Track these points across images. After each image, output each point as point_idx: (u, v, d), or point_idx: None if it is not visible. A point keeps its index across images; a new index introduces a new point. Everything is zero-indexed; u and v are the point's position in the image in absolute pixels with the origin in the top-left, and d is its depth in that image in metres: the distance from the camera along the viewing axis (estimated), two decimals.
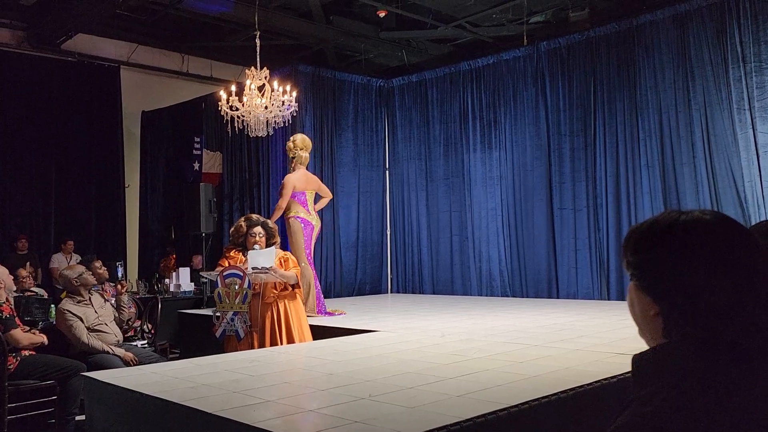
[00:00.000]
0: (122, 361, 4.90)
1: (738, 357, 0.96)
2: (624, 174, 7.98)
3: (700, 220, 1.03)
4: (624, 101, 8.01)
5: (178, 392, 3.07)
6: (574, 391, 3.01)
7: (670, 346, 1.02)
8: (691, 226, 1.02)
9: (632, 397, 1.01)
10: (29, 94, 9.91)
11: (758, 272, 0.99)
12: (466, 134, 9.56)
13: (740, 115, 7.01)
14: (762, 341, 0.97)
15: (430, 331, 5.33)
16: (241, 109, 7.30)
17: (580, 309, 6.95)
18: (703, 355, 0.97)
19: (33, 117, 9.90)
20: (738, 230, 1.03)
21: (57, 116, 10.20)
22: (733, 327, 0.97)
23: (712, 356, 0.97)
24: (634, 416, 0.97)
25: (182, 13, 9.64)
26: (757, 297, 0.98)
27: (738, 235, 1.02)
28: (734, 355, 0.96)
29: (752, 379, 0.95)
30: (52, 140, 10.13)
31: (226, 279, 4.87)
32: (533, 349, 4.24)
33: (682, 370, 0.97)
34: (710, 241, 1.00)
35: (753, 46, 6.96)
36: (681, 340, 1.01)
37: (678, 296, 1.00)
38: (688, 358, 0.98)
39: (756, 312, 0.97)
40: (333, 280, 9.59)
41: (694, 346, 0.99)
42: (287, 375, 3.80)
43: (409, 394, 3.00)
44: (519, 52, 9.01)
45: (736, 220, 1.05)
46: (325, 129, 9.71)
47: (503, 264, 9.07)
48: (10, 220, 9.70)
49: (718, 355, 0.97)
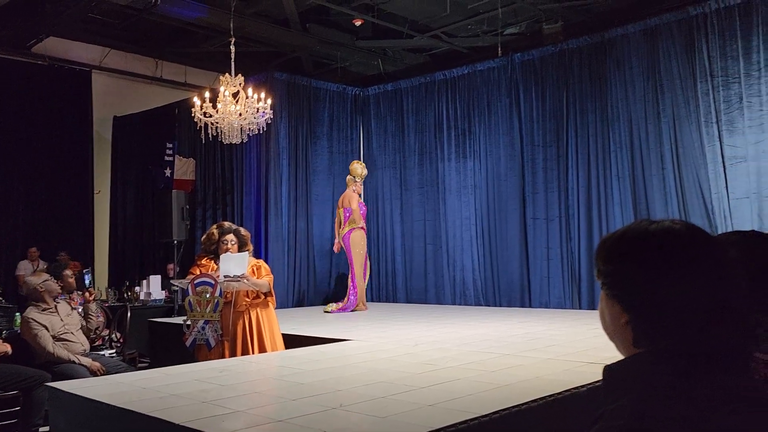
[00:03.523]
0: (89, 371, 4.80)
1: (708, 368, 0.97)
2: (595, 184, 8.09)
3: (670, 230, 1.03)
4: (595, 113, 8.12)
5: (145, 403, 3.01)
6: (544, 400, 3.02)
7: (640, 358, 1.02)
8: (661, 236, 1.03)
9: (603, 410, 1.01)
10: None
11: (727, 282, 1.00)
12: (440, 143, 9.61)
13: (708, 128, 7.16)
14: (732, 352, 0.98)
15: (403, 340, 5.32)
16: (215, 115, 7.24)
17: (552, 318, 7.00)
18: (673, 367, 0.97)
19: (1, 121, 9.70)
20: (707, 240, 1.03)
21: (26, 120, 10.01)
22: (703, 338, 0.97)
23: (682, 368, 0.97)
24: (604, 429, 0.96)
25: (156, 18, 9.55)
26: (726, 307, 0.98)
27: (707, 245, 1.02)
28: (704, 367, 0.97)
29: (722, 390, 0.96)
30: (20, 144, 9.93)
31: (197, 287, 4.81)
32: (505, 358, 4.25)
33: (652, 384, 0.97)
34: (680, 251, 1.01)
35: (720, 61, 7.12)
36: (650, 352, 1.01)
37: (647, 305, 1.01)
38: (657, 371, 0.98)
39: (725, 322, 0.98)
40: (307, 288, 9.54)
41: (664, 358, 0.99)
42: (258, 385, 3.76)
43: (381, 403, 2.98)
44: (493, 63, 9.10)
45: (705, 231, 1.06)
46: (299, 136, 9.68)
47: (477, 273, 9.11)
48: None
49: (688, 367, 0.97)
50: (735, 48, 7.02)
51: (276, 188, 9.28)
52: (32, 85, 10.06)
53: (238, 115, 7.24)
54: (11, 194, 9.86)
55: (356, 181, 8.76)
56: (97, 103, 10.70)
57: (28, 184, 9.99)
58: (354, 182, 8.76)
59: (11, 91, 9.84)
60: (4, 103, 9.76)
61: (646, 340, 1.02)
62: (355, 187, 8.72)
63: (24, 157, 9.97)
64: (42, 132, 10.15)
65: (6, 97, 9.79)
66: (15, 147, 9.88)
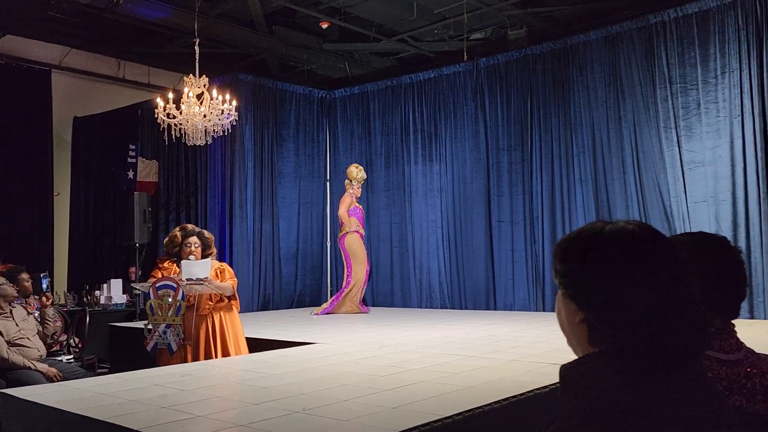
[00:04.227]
0: (45, 376, 4.67)
1: (661, 366, 0.98)
2: (559, 188, 8.20)
3: (624, 230, 1.05)
4: (559, 117, 8.24)
5: (102, 409, 2.94)
6: (507, 401, 3.04)
7: (595, 357, 1.03)
8: (615, 236, 1.04)
9: (559, 409, 1.01)
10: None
11: (680, 282, 1.01)
12: (407, 146, 9.63)
13: (667, 133, 7.32)
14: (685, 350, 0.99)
15: (368, 344, 5.31)
16: (179, 117, 7.14)
17: (517, 320, 7.07)
18: (626, 365, 0.98)
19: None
20: (661, 240, 1.05)
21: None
22: (656, 336, 0.98)
23: (635, 367, 0.98)
24: (560, 429, 0.97)
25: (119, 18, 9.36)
26: (677, 308, 0.99)
27: (660, 245, 1.04)
28: (657, 365, 0.98)
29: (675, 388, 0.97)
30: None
31: (159, 290, 4.73)
32: (469, 360, 4.27)
33: (606, 383, 0.98)
34: (633, 251, 1.02)
35: (679, 68, 7.30)
36: (604, 351, 1.02)
37: (601, 304, 1.01)
38: (611, 370, 0.99)
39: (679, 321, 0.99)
40: (272, 292, 9.46)
41: (617, 357, 1.00)
42: (220, 389, 3.70)
43: (344, 406, 2.97)
44: (459, 67, 9.17)
45: (659, 231, 1.07)
46: (265, 139, 9.61)
47: (443, 276, 9.15)
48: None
49: (641, 366, 0.98)
50: (693, 55, 7.20)
51: (241, 191, 9.19)
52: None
53: (202, 116, 7.16)
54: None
55: (353, 184, 8.80)
56: (57, 103, 10.45)
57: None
58: (351, 186, 8.80)
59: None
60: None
61: (600, 339, 1.03)
62: (352, 190, 8.78)
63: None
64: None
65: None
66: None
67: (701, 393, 1.00)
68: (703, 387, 1.01)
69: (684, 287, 1.02)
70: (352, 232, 8.60)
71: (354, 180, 8.82)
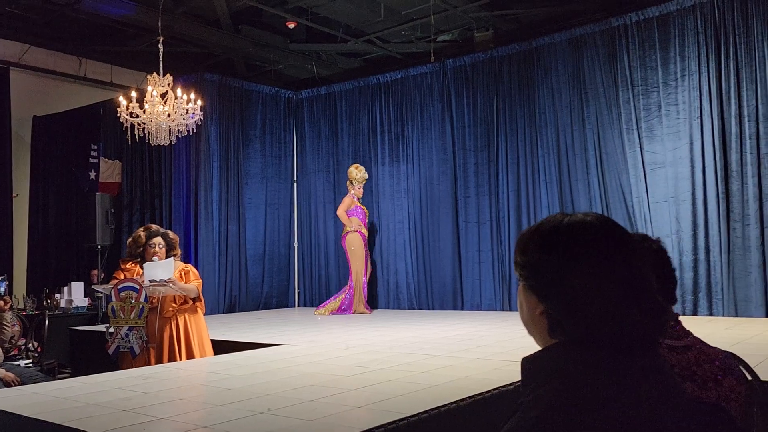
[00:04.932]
0: (2, 381, 4.54)
1: (618, 356, 0.99)
2: (525, 188, 8.29)
3: (582, 222, 1.05)
4: (524, 119, 8.33)
5: (61, 413, 2.87)
6: (473, 399, 3.06)
7: (555, 348, 1.04)
8: (573, 228, 1.05)
9: (521, 401, 1.02)
10: None
11: (637, 273, 1.02)
12: (374, 147, 9.64)
13: (629, 134, 7.46)
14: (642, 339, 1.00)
15: (334, 344, 5.29)
16: (142, 116, 7.02)
17: (483, 320, 7.12)
18: (584, 355, 0.99)
19: None
20: (618, 232, 1.06)
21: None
22: (614, 326, 0.99)
23: (593, 357, 0.99)
24: (520, 420, 0.97)
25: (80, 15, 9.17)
26: (635, 297, 1.00)
27: (618, 237, 1.05)
28: (615, 355, 0.99)
29: (632, 377, 0.98)
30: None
31: (121, 292, 4.64)
32: (435, 359, 4.28)
33: (566, 373, 0.98)
34: (591, 242, 1.03)
35: (640, 70, 7.44)
36: (564, 342, 1.02)
37: (560, 295, 1.02)
38: (570, 361, 1.00)
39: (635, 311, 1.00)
40: (239, 293, 9.36)
41: (576, 347, 1.00)
42: (184, 391, 3.64)
43: (310, 406, 2.95)
44: (426, 68, 9.20)
45: (617, 223, 1.08)
46: (231, 139, 9.51)
47: (410, 276, 9.17)
48: None
49: (599, 356, 0.99)
50: (654, 58, 7.35)
51: (207, 191, 9.08)
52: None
53: (166, 116, 7.05)
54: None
55: (354, 185, 8.86)
56: (16, 102, 10.18)
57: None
58: (352, 186, 8.87)
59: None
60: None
61: (560, 330, 1.03)
62: (354, 191, 8.84)
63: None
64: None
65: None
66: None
67: (660, 381, 1.01)
68: (662, 375, 1.03)
69: (641, 277, 1.03)
70: (353, 231, 8.69)
71: (354, 180, 8.88)
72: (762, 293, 6.53)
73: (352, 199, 8.84)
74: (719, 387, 1.51)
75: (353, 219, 8.75)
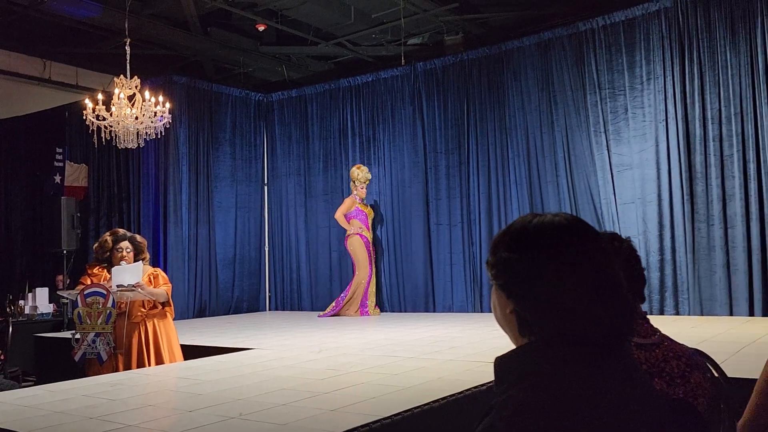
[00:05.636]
0: None
1: (587, 354, 0.99)
2: (495, 191, 8.35)
3: (551, 223, 1.06)
4: (495, 122, 8.40)
5: (25, 421, 2.80)
6: (446, 400, 3.07)
7: (525, 348, 1.04)
8: (542, 228, 1.06)
9: (494, 401, 1.02)
10: None
11: (606, 272, 1.03)
12: (345, 150, 9.62)
13: (597, 137, 7.57)
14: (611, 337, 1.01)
15: (307, 348, 5.26)
16: (109, 119, 6.91)
17: (455, 321, 7.15)
18: (554, 354, 1.00)
19: None
20: (587, 231, 1.07)
21: None
22: (582, 326, 1.00)
23: (562, 355, 1.00)
24: (493, 420, 0.97)
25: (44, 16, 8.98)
26: (603, 296, 1.01)
27: (586, 237, 1.06)
28: (584, 353, 0.99)
29: (602, 375, 0.99)
30: None
31: (88, 298, 4.54)
32: (408, 362, 4.28)
33: (536, 372, 0.99)
34: (559, 242, 1.04)
35: (607, 74, 7.57)
36: (534, 342, 1.03)
37: (529, 294, 1.03)
38: (540, 359, 1.00)
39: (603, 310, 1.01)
40: (209, 298, 9.25)
41: (546, 346, 1.01)
42: (152, 397, 3.58)
43: (282, 411, 2.92)
44: (397, 71, 9.23)
45: (586, 222, 1.09)
46: (200, 142, 9.41)
47: (382, 279, 9.16)
48: None
49: (568, 354, 1.00)
50: (620, 62, 7.48)
51: (175, 195, 8.96)
52: None
53: (134, 118, 6.95)
54: None
55: (356, 185, 8.77)
56: None
57: None
58: (355, 187, 8.79)
59: None
60: None
61: (529, 329, 1.04)
62: (356, 192, 8.76)
63: None
64: None
65: None
66: None
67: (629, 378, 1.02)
68: (631, 372, 1.04)
69: (610, 276, 1.04)
70: (354, 234, 8.64)
71: (357, 181, 8.80)
72: (726, 292, 6.67)
73: (353, 200, 8.75)
74: (687, 383, 1.53)
75: (354, 222, 8.67)
